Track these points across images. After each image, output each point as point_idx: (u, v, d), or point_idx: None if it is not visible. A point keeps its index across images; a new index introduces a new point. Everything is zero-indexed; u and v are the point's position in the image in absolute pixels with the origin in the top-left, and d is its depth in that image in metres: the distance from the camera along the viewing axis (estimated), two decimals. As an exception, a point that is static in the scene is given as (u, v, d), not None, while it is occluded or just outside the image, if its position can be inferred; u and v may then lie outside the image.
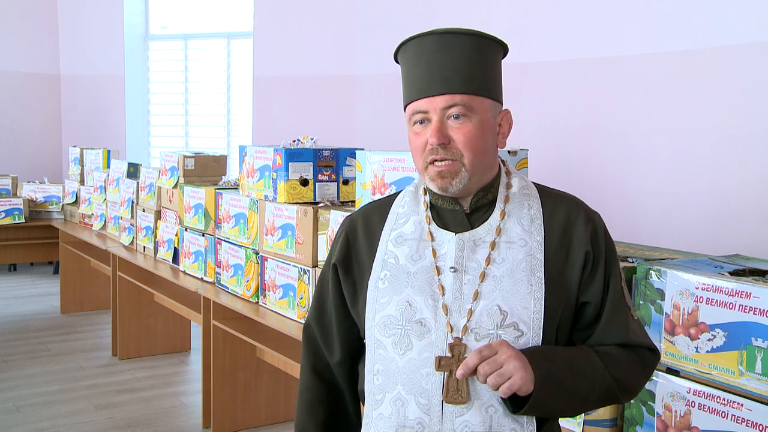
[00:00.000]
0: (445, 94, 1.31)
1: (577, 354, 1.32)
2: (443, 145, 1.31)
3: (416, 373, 1.31)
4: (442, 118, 1.32)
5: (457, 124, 1.32)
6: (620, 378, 1.33)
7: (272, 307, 3.38)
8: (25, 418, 3.96)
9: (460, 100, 1.31)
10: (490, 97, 1.35)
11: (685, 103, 4.35)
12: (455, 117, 1.32)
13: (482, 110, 1.34)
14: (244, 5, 7.56)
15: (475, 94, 1.33)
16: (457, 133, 1.32)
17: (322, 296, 1.51)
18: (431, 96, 1.32)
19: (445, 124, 1.32)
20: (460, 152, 1.32)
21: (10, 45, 8.20)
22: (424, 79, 1.33)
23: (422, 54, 1.34)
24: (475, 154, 1.32)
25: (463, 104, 1.31)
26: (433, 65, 1.33)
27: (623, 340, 1.36)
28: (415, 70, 1.35)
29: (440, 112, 1.32)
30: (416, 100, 1.34)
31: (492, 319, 1.30)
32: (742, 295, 1.77)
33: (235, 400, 3.84)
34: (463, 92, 1.32)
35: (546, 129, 5.08)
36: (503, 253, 1.34)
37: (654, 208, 4.51)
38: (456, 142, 1.32)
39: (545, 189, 1.44)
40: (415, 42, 1.36)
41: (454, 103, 1.31)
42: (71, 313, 6.17)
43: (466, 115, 1.32)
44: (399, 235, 1.41)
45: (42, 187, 6.51)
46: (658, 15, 4.49)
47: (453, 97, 1.31)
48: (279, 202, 3.33)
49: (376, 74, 6.61)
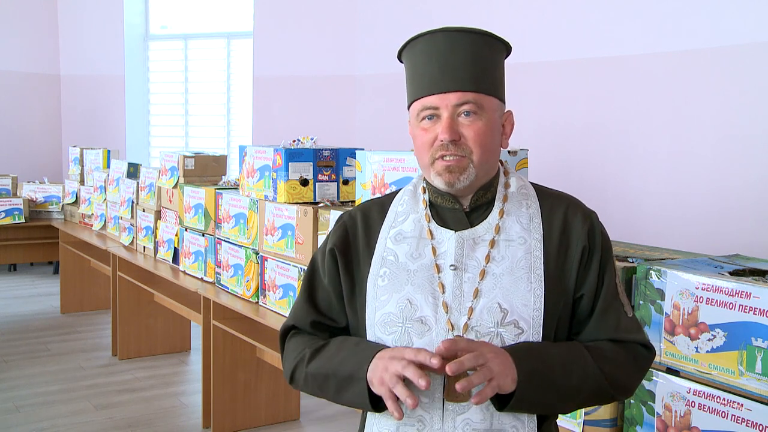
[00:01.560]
0: (458, 91, 1.33)
1: (567, 350, 1.32)
2: (454, 142, 1.32)
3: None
4: (453, 115, 1.33)
5: (468, 121, 1.33)
6: (610, 373, 1.33)
7: (272, 307, 3.38)
8: (25, 418, 3.96)
9: (472, 98, 1.33)
10: (497, 97, 1.37)
11: (685, 103, 4.35)
12: (466, 114, 1.33)
13: (491, 109, 1.35)
14: (244, 5, 7.56)
15: (486, 93, 1.34)
16: (468, 130, 1.33)
17: (313, 285, 1.47)
18: (443, 92, 1.33)
19: (456, 121, 1.33)
20: (469, 149, 1.33)
21: (10, 45, 8.20)
22: (436, 76, 1.34)
23: (433, 51, 1.35)
24: (483, 151, 1.34)
25: (475, 102, 1.33)
26: (446, 62, 1.33)
27: (614, 336, 1.36)
28: (425, 67, 1.36)
29: (451, 108, 1.33)
30: (426, 96, 1.35)
31: (492, 317, 1.31)
32: (742, 295, 1.77)
33: (235, 400, 3.84)
34: (475, 90, 1.33)
35: (546, 129, 5.08)
36: (503, 251, 1.35)
37: (654, 208, 4.51)
38: (466, 139, 1.33)
39: (542, 189, 1.45)
40: (426, 39, 1.36)
41: (466, 101, 1.32)
42: (71, 313, 6.17)
43: (476, 113, 1.33)
44: (398, 233, 1.41)
45: (42, 187, 6.51)
46: (658, 15, 4.49)
47: (465, 94, 1.32)
48: (279, 202, 3.33)
49: (376, 74, 6.61)
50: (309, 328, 1.45)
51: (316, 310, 1.45)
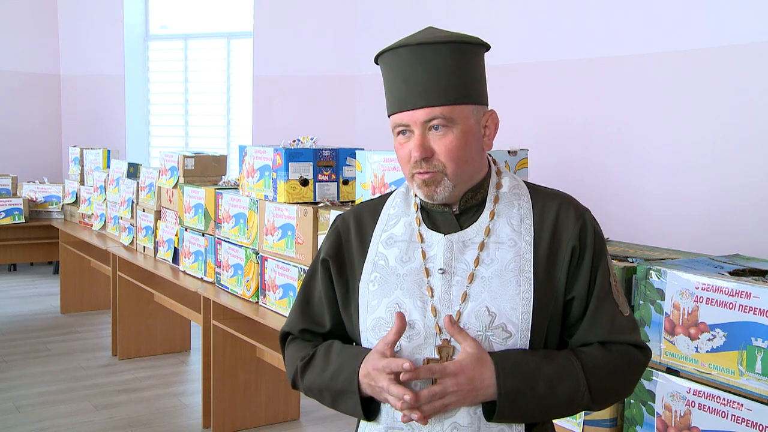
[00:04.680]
0: (425, 107, 1.31)
1: (559, 367, 1.30)
2: (426, 159, 1.31)
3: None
4: (423, 132, 1.32)
5: (438, 135, 1.32)
6: (599, 391, 1.31)
7: (272, 307, 3.38)
8: (25, 418, 3.96)
9: (440, 112, 1.31)
10: (471, 103, 1.34)
11: (685, 103, 4.35)
12: (435, 128, 1.32)
13: (463, 118, 1.33)
14: (244, 5, 7.56)
15: (455, 104, 1.32)
16: (438, 145, 1.32)
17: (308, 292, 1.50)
18: (411, 110, 1.32)
19: (426, 137, 1.32)
20: (442, 164, 1.32)
21: (10, 45, 8.20)
22: (403, 92, 1.33)
23: (399, 66, 1.34)
24: (457, 164, 1.32)
25: (443, 116, 1.31)
26: (410, 78, 1.32)
27: (607, 337, 1.34)
28: (394, 82, 1.35)
29: (421, 125, 1.32)
30: (397, 113, 1.35)
31: (480, 321, 1.30)
32: (742, 295, 1.77)
33: (235, 400, 3.84)
34: (443, 104, 1.31)
35: (546, 129, 5.08)
36: (492, 254, 1.34)
37: (654, 208, 4.50)
38: (438, 154, 1.32)
39: (536, 188, 1.43)
40: (391, 54, 1.35)
41: (434, 116, 1.31)
42: (71, 313, 6.17)
43: (447, 126, 1.31)
44: (389, 237, 1.41)
45: (42, 187, 6.51)
46: (658, 15, 4.49)
47: (432, 110, 1.31)
48: (279, 202, 3.33)
49: (377, 74, 6.52)
50: (300, 335, 1.49)
51: (308, 317, 1.48)
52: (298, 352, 1.47)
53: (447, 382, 1.25)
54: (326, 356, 1.40)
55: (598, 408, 1.35)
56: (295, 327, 1.49)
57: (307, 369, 1.42)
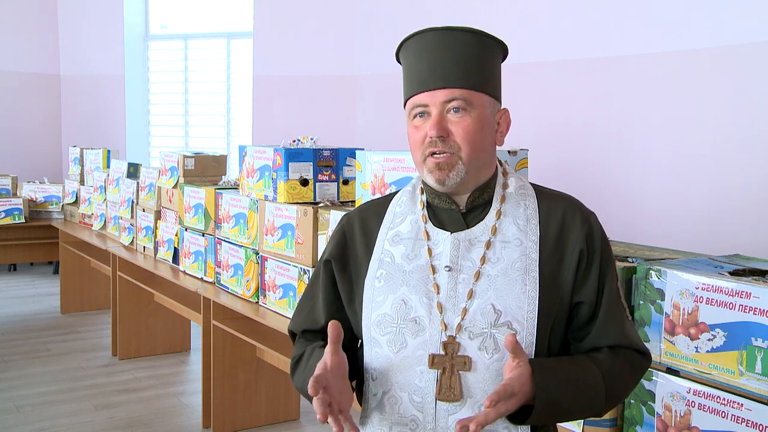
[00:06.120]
0: (445, 88, 1.33)
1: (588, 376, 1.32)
2: (442, 138, 1.33)
3: (410, 371, 1.32)
4: (442, 112, 1.34)
5: (457, 117, 1.33)
6: (612, 396, 1.35)
7: (272, 307, 3.38)
8: (25, 418, 3.96)
9: (460, 94, 1.33)
10: (488, 94, 1.37)
11: (685, 103, 4.35)
12: (455, 110, 1.33)
13: (481, 106, 1.35)
14: (244, 5, 7.56)
15: (475, 89, 1.34)
16: (456, 127, 1.33)
17: (310, 292, 1.53)
18: (431, 90, 1.34)
19: (444, 118, 1.34)
20: (458, 145, 1.33)
21: (10, 45, 8.20)
22: (425, 74, 1.35)
23: (423, 50, 1.36)
24: (472, 148, 1.34)
25: (463, 98, 1.33)
26: (434, 60, 1.34)
27: (619, 342, 1.36)
28: (416, 66, 1.37)
29: (440, 105, 1.33)
30: (417, 94, 1.36)
31: (486, 318, 1.31)
32: (742, 295, 1.77)
33: (235, 400, 3.84)
34: (463, 87, 1.33)
35: (546, 129, 5.08)
36: (498, 253, 1.35)
37: (654, 208, 4.50)
38: (454, 135, 1.33)
39: (542, 189, 1.44)
40: (417, 38, 1.38)
41: (454, 97, 1.33)
42: (71, 313, 6.17)
43: (465, 109, 1.33)
44: (396, 234, 1.42)
45: (42, 187, 6.51)
46: (658, 15, 4.49)
47: (453, 91, 1.33)
48: (279, 202, 3.33)
49: (376, 74, 6.61)
50: (302, 336, 1.53)
51: (308, 318, 1.51)
52: (296, 351, 1.51)
53: (500, 409, 1.23)
54: (308, 359, 1.44)
55: (603, 414, 1.38)
56: (298, 328, 1.53)
57: (296, 369, 1.48)
